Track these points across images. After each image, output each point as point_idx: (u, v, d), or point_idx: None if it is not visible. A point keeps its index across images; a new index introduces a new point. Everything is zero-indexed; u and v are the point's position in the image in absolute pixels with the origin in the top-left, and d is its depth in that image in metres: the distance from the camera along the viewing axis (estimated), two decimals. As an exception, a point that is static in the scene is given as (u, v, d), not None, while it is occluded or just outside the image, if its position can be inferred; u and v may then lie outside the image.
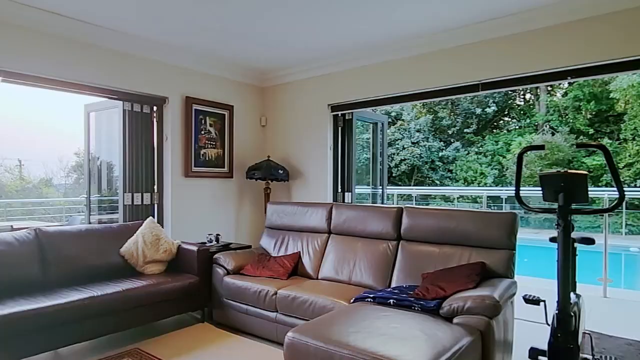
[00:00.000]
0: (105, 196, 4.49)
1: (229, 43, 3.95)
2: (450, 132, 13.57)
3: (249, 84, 5.03)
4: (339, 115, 4.61)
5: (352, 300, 2.67)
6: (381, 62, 4.11)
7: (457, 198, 11.60)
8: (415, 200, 10.50)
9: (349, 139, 4.61)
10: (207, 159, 4.55)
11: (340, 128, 4.64)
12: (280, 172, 4.61)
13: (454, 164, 13.12)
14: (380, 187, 5.13)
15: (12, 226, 4.27)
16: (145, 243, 3.48)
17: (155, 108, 4.17)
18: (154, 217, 4.07)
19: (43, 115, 15.99)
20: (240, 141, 4.92)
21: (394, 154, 13.12)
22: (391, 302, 2.50)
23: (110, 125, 4.22)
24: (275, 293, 3.02)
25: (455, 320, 2.23)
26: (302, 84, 4.79)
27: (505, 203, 8.77)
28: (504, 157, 12.33)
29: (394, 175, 13.26)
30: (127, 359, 2.78)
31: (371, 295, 2.61)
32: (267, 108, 5.19)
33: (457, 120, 13.52)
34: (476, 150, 12.99)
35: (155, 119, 4.18)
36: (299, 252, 3.63)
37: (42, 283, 2.93)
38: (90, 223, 4.39)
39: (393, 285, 3.00)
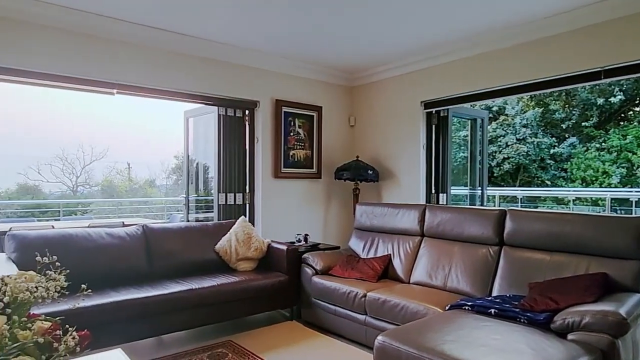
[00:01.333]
0: (202, 196, 4.93)
1: (318, 45, 4.09)
2: (564, 126, 12.37)
3: (338, 84, 5.14)
4: (433, 112, 4.50)
5: (447, 307, 2.60)
6: (481, 53, 3.91)
7: (573, 200, 10.52)
8: (521, 203, 9.78)
9: (444, 137, 4.48)
10: (295, 160, 4.76)
11: (434, 126, 4.53)
12: (370, 172, 4.64)
13: (569, 162, 11.93)
14: (480, 188, 4.89)
15: (123, 222, 4.89)
16: (238, 241, 3.76)
17: (247, 112, 4.48)
18: (245, 216, 4.36)
19: (148, 122, 18.07)
20: (329, 142, 5.05)
21: (495, 152, 12.35)
22: (492, 312, 2.38)
23: (207, 129, 4.63)
24: (365, 295, 3.05)
25: (569, 336, 2.05)
26: (393, 81, 4.77)
27: (636, 206, 7.75)
28: (635, 153, 10.88)
29: (495, 175, 12.48)
30: (221, 350, 3.03)
31: (469, 303, 2.52)
32: (356, 108, 5.26)
33: (574, 112, 12.26)
34: (597, 146, 11.65)
35: (247, 122, 4.49)
36: (389, 254, 3.62)
37: (148, 274, 3.33)
38: (188, 221, 4.86)
39: (494, 294, 2.84)
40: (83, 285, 1.27)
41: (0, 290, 1.07)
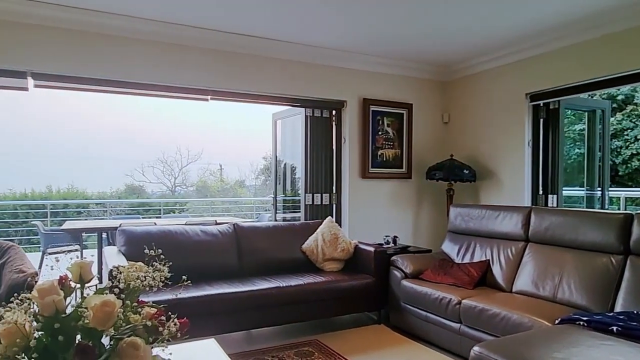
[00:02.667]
0: (289, 196, 5.14)
1: (406, 41, 4.06)
2: None
3: (429, 80, 5.03)
4: (541, 105, 4.20)
5: (557, 321, 2.42)
6: (604, 34, 3.53)
7: None
8: (655, 206, 8.67)
9: (553, 132, 4.15)
10: (384, 159, 4.75)
11: (542, 120, 4.22)
12: (466, 172, 4.47)
13: None
14: (600, 188, 4.48)
15: (215, 221, 5.26)
16: (325, 241, 3.86)
17: (334, 112, 4.59)
18: (332, 216, 4.46)
19: (238, 125, 19.27)
20: (420, 140, 4.97)
21: (620, 147, 11.09)
22: (614, 330, 2.16)
23: (294, 130, 4.84)
24: (459, 302, 2.96)
25: None
26: (492, 73, 4.55)
27: None
28: None
29: (620, 174, 11.20)
30: (308, 348, 3.15)
31: (585, 318, 2.31)
32: (450, 103, 5.10)
33: None
34: None
35: (334, 123, 4.60)
36: (488, 260, 3.46)
37: (238, 270, 3.58)
38: (276, 220, 5.09)
39: (617, 309, 2.58)
40: (184, 277, 1.41)
41: (116, 278, 1.25)
